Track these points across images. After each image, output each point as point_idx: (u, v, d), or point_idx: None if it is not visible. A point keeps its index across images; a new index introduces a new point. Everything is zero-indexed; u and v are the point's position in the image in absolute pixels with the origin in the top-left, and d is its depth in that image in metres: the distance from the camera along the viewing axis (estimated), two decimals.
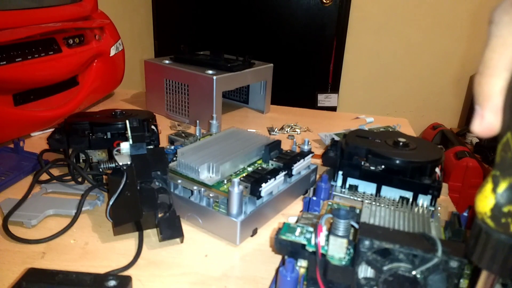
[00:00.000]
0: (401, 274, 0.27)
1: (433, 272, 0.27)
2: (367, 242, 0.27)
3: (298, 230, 0.33)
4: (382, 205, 0.40)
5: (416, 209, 0.39)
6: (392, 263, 0.27)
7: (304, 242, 0.32)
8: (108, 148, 0.56)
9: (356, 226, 0.30)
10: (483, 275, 0.22)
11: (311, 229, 0.33)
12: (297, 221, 0.39)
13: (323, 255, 0.31)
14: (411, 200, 0.44)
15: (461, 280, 0.31)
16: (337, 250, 0.31)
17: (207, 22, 1.93)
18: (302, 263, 0.33)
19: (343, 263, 0.30)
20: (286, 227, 0.33)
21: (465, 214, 0.40)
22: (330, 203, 0.43)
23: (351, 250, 0.31)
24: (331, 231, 0.31)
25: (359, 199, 0.45)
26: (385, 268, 0.27)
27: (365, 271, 0.29)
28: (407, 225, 0.35)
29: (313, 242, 0.32)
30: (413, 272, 0.27)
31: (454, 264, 0.26)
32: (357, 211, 0.39)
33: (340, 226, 0.30)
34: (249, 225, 0.44)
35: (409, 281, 0.27)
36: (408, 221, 0.35)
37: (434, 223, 0.38)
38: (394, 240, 0.27)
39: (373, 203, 0.38)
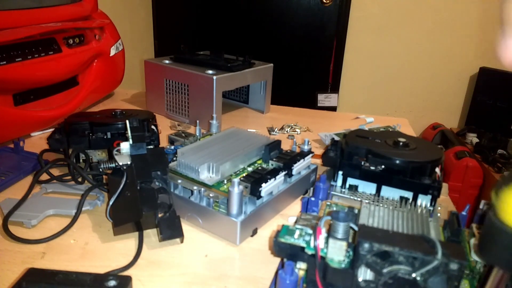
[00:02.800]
0: (401, 276, 0.27)
1: (433, 274, 0.27)
2: (366, 245, 0.27)
3: (297, 232, 0.33)
4: (381, 205, 0.40)
5: (414, 209, 0.39)
6: (392, 266, 0.27)
7: (303, 244, 0.32)
8: (108, 148, 0.56)
9: (356, 228, 0.30)
10: (493, 274, 0.22)
11: (310, 231, 0.33)
12: (296, 222, 0.39)
13: (323, 258, 0.31)
14: (411, 200, 0.44)
15: (462, 282, 0.31)
16: (337, 252, 0.30)
17: (207, 22, 1.93)
18: (302, 265, 0.33)
19: (343, 265, 0.30)
20: (285, 230, 0.33)
21: (464, 213, 0.40)
22: (328, 203, 0.43)
23: (351, 253, 0.31)
24: (330, 233, 0.31)
25: (358, 198, 0.45)
26: (384, 270, 0.27)
27: (364, 274, 0.29)
28: (405, 225, 0.35)
29: (312, 244, 0.31)
30: (413, 275, 0.27)
31: (454, 266, 0.26)
32: (356, 211, 0.39)
33: (339, 228, 0.30)
34: (249, 225, 0.44)
35: (409, 283, 0.27)
36: (407, 221, 0.35)
37: (432, 222, 0.38)
38: (394, 242, 0.27)
39: (372, 203, 0.38)
